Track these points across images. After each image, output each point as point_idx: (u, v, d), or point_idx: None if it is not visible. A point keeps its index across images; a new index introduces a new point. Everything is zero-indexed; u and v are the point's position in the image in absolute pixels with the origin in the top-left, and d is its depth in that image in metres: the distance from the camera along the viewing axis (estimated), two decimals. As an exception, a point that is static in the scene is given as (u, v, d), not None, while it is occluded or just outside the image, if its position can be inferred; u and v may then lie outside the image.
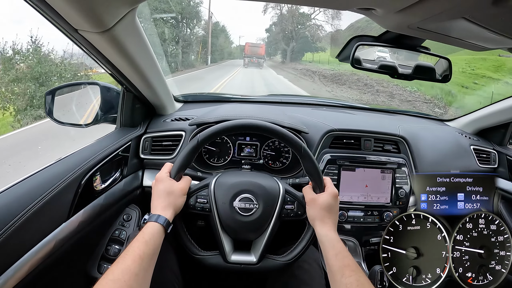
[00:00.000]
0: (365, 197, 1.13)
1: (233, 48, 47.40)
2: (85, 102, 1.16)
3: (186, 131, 1.15)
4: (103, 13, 0.63)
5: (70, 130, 1.16)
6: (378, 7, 0.58)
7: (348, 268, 0.66)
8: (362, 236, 1.18)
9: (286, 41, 29.63)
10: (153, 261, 0.66)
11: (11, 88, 6.94)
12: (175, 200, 0.76)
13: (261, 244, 0.80)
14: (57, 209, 0.77)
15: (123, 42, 0.76)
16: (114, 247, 1.00)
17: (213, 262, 0.80)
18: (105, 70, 0.92)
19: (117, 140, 1.03)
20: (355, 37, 0.84)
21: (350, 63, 0.85)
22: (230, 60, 35.05)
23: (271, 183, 0.85)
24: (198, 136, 0.81)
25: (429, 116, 1.63)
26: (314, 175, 0.81)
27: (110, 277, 0.57)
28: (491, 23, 0.56)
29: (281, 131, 0.81)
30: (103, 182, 0.96)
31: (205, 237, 0.88)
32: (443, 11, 0.53)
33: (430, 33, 0.67)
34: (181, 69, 17.60)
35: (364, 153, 1.17)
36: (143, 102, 1.16)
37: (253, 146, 1.19)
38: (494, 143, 1.41)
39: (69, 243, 0.79)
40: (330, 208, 0.77)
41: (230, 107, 1.33)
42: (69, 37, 0.71)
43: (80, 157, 0.88)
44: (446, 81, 0.92)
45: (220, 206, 0.81)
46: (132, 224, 1.05)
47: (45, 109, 1.07)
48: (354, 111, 1.53)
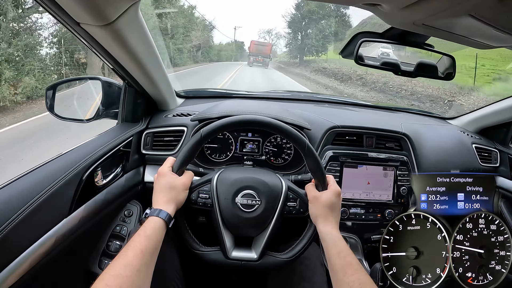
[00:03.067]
0: (367, 194, 1.13)
1: (225, 45, 41.18)
2: (86, 97, 1.16)
3: (188, 127, 1.15)
4: (105, 6, 0.62)
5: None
6: (384, 3, 0.57)
7: (350, 267, 0.66)
8: (364, 233, 1.18)
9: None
10: (154, 256, 0.66)
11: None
12: (177, 194, 0.76)
13: (262, 241, 0.80)
14: (58, 204, 0.77)
15: (125, 36, 0.75)
16: (115, 243, 1.00)
17: (214, 258, 0.80)
18: (107, 64, 0.91)
19: (119, 136, 1.03)
20: (359, 33, 0.83)
21: (354, 60, 0.85)
22: (214, 63, 25.88)
23: (273, 180, 0.85)
24: (202, 131, 0.80)
25: (432, 114, 1.62)
26: (317, 172, 0.80)
27: (111, 272, 0.57)
28: (498, 21, 0.56)
29: (284, 128, 0.81)
30: (104, 177, 0.96)
31: (206, 233, 0.88)
32: (449, 8, 0.53)
33: (435, 30, 0.67)
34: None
35: (366, 150, 1.16)
36: (145, 97, 1.16)
37: (255, 142, 1.19)
38: (496, 142, 1.40)
39: (70, 238, 0.79)
40: (332, 206, 0.77)
41: (232, 103, 1.33)
42: (71, 30, 0.71)
43: (81, 152, 0.88)
44: (449, 79, 0.91)
45: (222, 201, 0.80)
46: (133, 220, 1.05)
47: (46, 104, 1.07)
48: (356, 108, 1.53)
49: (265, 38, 46.83)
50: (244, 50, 46.24)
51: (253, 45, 25.11)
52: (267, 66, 23.84)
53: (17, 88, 7.73)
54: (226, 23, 53.96)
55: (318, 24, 24.49)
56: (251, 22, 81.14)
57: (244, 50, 46.30)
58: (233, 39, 45.45)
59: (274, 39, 45.84)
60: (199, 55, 23.25)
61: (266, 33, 48.99)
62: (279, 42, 45.74)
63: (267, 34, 49.22)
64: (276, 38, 45.50)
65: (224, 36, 61.58)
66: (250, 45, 25.71)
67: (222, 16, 56.03)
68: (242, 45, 49.28)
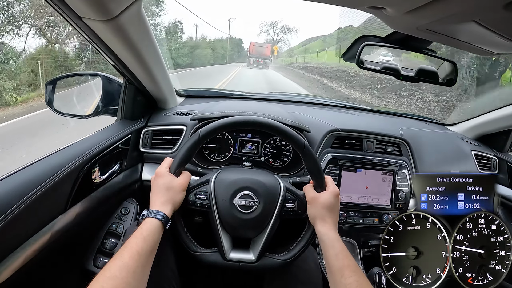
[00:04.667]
0: (365, 199, 1.12)
1: (215, 42, 30.94)
2: (86, 93, 1.15)
3: (187, 126, 1.14)
4: (108, 1, 0.62)
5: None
6: (388, 7, 0.57)
7: (348, 268, 0.66)
8: (361, 237, 1.17)
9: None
10: (151, 257, 0.65)
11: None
12: (174, 195, 0.75)
13: (260, 242, 0.80)
14: (55, 200, 0.76)
15: (128, 32, 0.75)
16: (111, 241, 1.00)
17: (212, 259, 0.79)
18: (108, 60, 0.91)
19: (117, 133, 1.02)
20: (361, 37, 0.83)
21: (356, 63, 0.84)
22: (192, 69, 18.28)
23: (272, 181, 0.84)
24: (200, 132, 0.80)
25: (431, 120, 1.62)
26: (315, 173, 0.80)
27: (107, 274, 0.56)
28: (501, 28, 0.56)
29: (283, 128, 0.80)
30: (102, 174, 0.95)
31: (203, 234, 0.88)
32: (454, 13, 0.53)
33: (438, 35, 0.67)
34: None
35: (365, 154, 1.16)
36: (145, 95, 1.15)
37: (255, 143, 1.18)
38: (495, 149, 1.41)
39: (66, 235, 0.78)
40: (331, 207, 0.76)
41: (232, 103, 1.32)
42: (73, 24, 0.70)
43: (79, 148, 0.87)
44: (450, 85, 0.91)
45: (220, 202, 0.80)
46: (129, 218, 1.05)
47: (46, 99, 1.06)
48: (357, 112, 1.53)
49: (269, 32, 38.78)
50: (242, 49, 40.98)
51: (253, 46, 25.30)
52: (267, 67, 23.91)
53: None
54: (217, 12, 40.40)
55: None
56: (250, 13, 67.27)
57: (243, 48, 41.13)
58: (228, 35, 36.24)
59: (280, 33, 37.81)
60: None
61: (269, 26, 39.02)
62: (286, 37, 38.38)
63: (270, 27, 38.82)
64: (282, 32, 37.85)
65: (216, 30, 51.25)
66: (249, 47, 25.87)
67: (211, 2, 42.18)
68: (240, 42, 41.30)
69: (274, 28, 38.63)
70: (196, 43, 25.52)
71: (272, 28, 38.13)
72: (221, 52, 30.77)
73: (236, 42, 39.86)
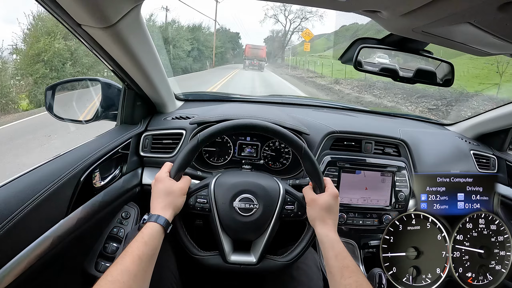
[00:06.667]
0: (364, 200, 1.13)
1: (196, 33, 20.99)
2: (86, 98, 1.16)
3: (187, 130, 1.15)
4: (107, 8, 0.63)
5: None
6: (384, 10, 0.58)
7: (347, 269, 0.66)
8: (361, 238, 1.17)
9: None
10: (152, 261, 0.66)
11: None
12: (175, 200, 0.75)
13: (260, 245, 0.80)
14: (56, 205, 0.77)
15: (126, 39, 0.76)
16: (112, 245, 1.00)
17: (213, 263, 0.79)
18: (107, 66, 0.91)
19: (117, 137, 1.03)
20: (358, 39, 0.84)
21: (353, 65, 0.85)
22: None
23: (271, 184, 0.85)
24: (198, 136, 0.80)
25: (430, 120, 1.63)
26: (314, 175, 0.80)
27: (108, 278, 0.57)
28: (496, 29, 0.56)
29: (281, 131, 0.81)
30: (102, 179, 0.96)
31: (204, 237, 0.88)
32: (448, 15, 0.53)
33: (434, 37, 0.67)
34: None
35: (364, 155, 1.16)
36: (144, 99, 1.16)
37: (254, 146, 1.19)
38: (494, 148, 1.41)
39: (67, 240, 0.79)
40: (330, 208, 0.77)
41: (231, 107, 1.33)
42: (72, 31, 0.71)
43: (79, 154, 0.88)
44: (448, 85, 0.92)
45: (220, 206, 0.80)
46: (130, 222, 1.05)
47: (45, 104, 1.06)
48: (355, 114, 1.53)
49: (277, 18, 27.05)
50: (239, 46, 35.66)
51: (248, 49, 25.15)
52: (262, 69, 23.89)
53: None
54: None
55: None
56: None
57: (240, 45, 36.03)
58: (215, 21, 24.70)
59: (296, 19, 27.34)
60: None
61: (278, 9, 27.28)
62: (307, 25, 26.57)
63: (280, 12, 27.45)
64: (299, 18, 26.84)
65: (200, 15, 32.72)
66: (245, 49, 25.58)
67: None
68: (236, 37, 32.40)
69: (286, 13, 28.68)
70: (165, 35, 17.45)
71: (283, 13, 28.53)
72: (204, 50, 22.63)
73: (230, 35, 31.05)
